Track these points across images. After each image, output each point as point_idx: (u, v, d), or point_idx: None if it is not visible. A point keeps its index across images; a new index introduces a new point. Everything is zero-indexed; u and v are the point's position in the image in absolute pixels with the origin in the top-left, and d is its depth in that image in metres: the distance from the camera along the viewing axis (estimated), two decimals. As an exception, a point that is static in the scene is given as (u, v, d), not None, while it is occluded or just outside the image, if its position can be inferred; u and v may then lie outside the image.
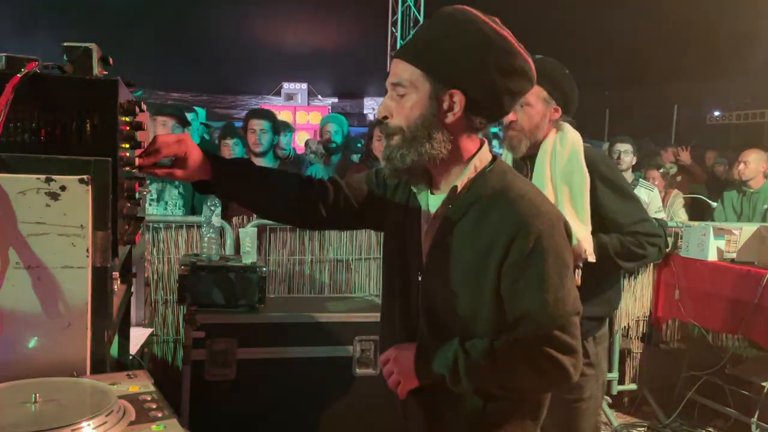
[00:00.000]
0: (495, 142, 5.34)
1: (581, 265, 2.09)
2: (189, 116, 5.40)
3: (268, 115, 4.24)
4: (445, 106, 1.33)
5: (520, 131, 2.20)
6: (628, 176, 4.90)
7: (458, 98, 1.32)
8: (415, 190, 1.48)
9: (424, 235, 1.45)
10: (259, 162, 4.11)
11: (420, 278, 1.44)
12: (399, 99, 1.36)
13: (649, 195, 4.86)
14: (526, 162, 2.27)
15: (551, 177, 2.16)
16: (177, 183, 3.91)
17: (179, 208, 3.84)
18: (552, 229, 1.32)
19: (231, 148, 4.41)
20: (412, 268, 1.46)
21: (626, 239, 2.17)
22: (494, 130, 5.40)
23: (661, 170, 5.84)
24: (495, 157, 1.44)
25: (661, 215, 4.78)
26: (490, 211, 1.35)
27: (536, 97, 2.17)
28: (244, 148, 4.56)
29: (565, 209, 2.11)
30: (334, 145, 4.87)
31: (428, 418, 1.46)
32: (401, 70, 1.35)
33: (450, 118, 1.34)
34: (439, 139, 1.35)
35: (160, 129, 4.03)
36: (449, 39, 1.31)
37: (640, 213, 2.24)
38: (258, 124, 4.09)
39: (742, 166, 5.28)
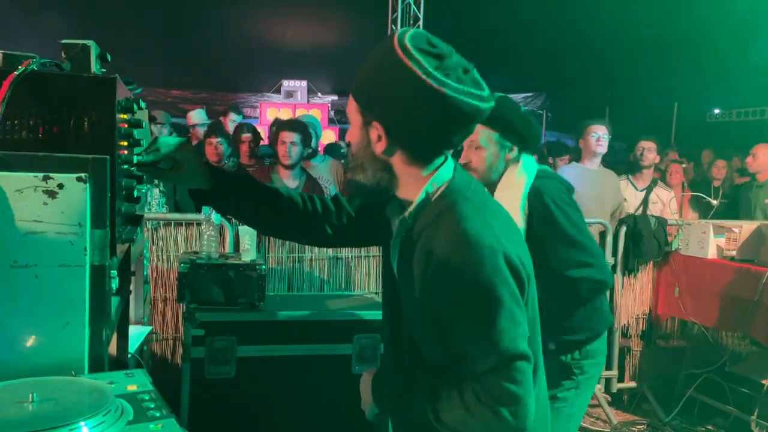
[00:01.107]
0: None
1: None
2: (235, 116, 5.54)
3: (300, 128, 4.09)
4: (372, 137, 1.32)
5: (474, 172, 2.21)
6: (647, 174, 4.89)
7: (380, 131, 1.31)
8: (387, 213, 1.48)
9: (392, 257, 1.46)
10: (287, 174, 4.03)
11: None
12: (350, 128, 1.40)
13: (667, 196, 4.88)
14: None
15: None
16: (157, 182, 3.88)
17: (161, 206, 3.84)
18: (481, 264, 1.22)
19: (215, 147, 4.37)
20: (394, 281, 1.48)
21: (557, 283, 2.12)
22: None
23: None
24: (454, 176, 1.37)
25: (677, 216, 4.83)
26: (432, 241, 1.29)
27: (488, 139, 2.20)
28: (229, 148, 4.52)
29: None
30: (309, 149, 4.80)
31: None
32: (349, 101, 1.38)
33: (378, 148, 1.32)
34: (373, 169, 1.34)
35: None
36: (381, 73, 1.29)
37: (580, 258, 2.16)
38: (289, 137, 3.95)
39: (750, 158, 5.41)
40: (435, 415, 1.31)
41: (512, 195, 2.17)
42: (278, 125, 4.20)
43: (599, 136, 4.40)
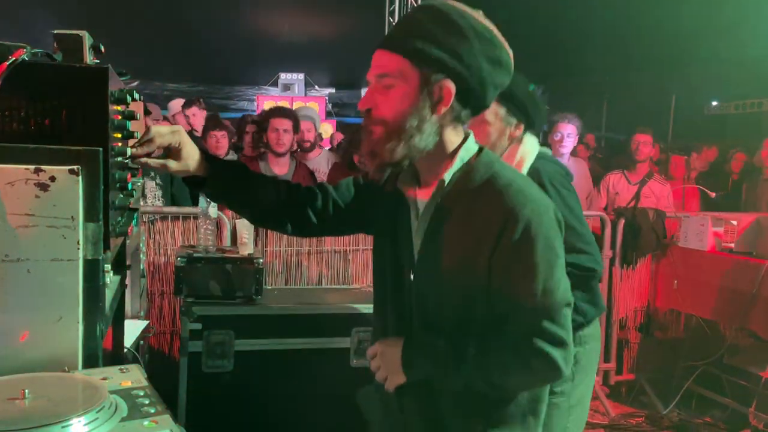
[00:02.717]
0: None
1: None
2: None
3: (291, 115, 4.04)
4: (436, 96, 1.29)
5: None
6: (642, 168, 4.79)
7: (447, 88, 1.28)
8: (401, 187, 1.43)
9: (414, 232, 1.40)
10: (276, 162, 3.99)
11: (412, 277, 1.40)
12: (385, 90, 1.30)
13: (662, 189, 4.84)
14: None
15: None
16: (154, 174, 3.86)
17: (158, 199, 3.82)
18: (540, 218, 1.28)
19: (218, 140, 4.37)
20: (405, 267, 1.42)
21: None
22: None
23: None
24: (482, 148, 1.40)
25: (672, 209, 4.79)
26: (478, 203, 1.31)
27: (494, 115, 2.12)
28: (230, 140, 4.52)
29: None
30: (309, 143, 4.74)
31: (424, 412, 1.42)
32: (387, 61, 1.29)
33: (440, 109, 1.30)
34: (428, 132, 1.30)
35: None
36: (438, 28, 1.27)
37: (571, 242, 2.02)
38: (282, 124, 3.91)
39: (765, 152, 5.43)
40: (486, 375, 1.31)
41: None
42: (269, 112, 4.09)
43: (562, 136, 4.23)
